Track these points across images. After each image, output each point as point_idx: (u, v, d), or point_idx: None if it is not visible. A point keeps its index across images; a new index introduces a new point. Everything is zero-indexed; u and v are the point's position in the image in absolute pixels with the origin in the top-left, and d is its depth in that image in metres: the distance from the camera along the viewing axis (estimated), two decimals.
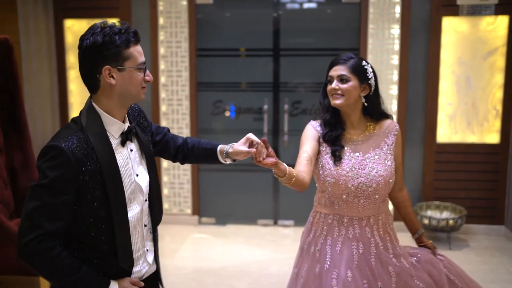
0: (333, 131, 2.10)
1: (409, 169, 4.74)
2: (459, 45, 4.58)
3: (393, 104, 4.68)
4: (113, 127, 1.60)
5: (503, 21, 4.49)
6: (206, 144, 1.92)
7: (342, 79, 2.02)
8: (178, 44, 4.82)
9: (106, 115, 1.58)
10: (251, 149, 1.79)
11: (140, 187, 1.65)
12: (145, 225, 1.69)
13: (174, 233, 4.80)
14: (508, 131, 4.57)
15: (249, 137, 1.82)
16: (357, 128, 2.11)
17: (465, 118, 4.65)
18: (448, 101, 4.65)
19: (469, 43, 4.57)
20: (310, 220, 2.21)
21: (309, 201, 2.27)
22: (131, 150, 1.65)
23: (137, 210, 1.64)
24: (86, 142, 1.51)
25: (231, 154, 1.87)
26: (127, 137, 1.62)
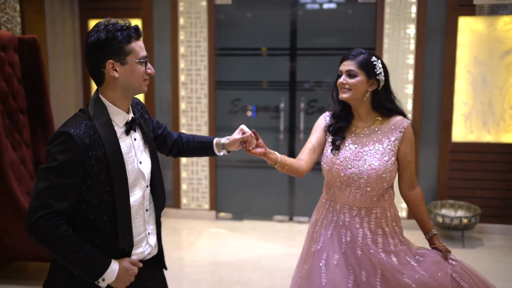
0: (338, 123, 2.21)
1: (424, 168, 4.78)
2: (476, 44, 4.60)
3: (408, 103, 4.73)
4: (118, 117, 1.72)
5: None
6: (201, 138, 2.09)
7: (350, 74, 2.10)
8: (197, 43, 4.96)
9: (111, 106, 1.71)
10: (244, 135, 1.99)
11: (142, 173, 1.77)
12: (146, 210, 1.80)
13: (192, 227, 4.94)
14: None
15: (242, 128, 2.03)
16: (365, 121, 2.18)
17: (481, 117, 4.66)
18: (463, 101, 4.67)
19: (485, 42, 4.58)
20: (317, 205, 2.35)
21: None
22: (135, 139, 1.77)
23: (139, 195, 1.76)
24: (93, 129, 1.64)
25: (227, 145, 2.05)
26: (131, 127, 1.75)
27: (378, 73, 2.10)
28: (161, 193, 1.87)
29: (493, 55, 4.58)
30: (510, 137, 4.62)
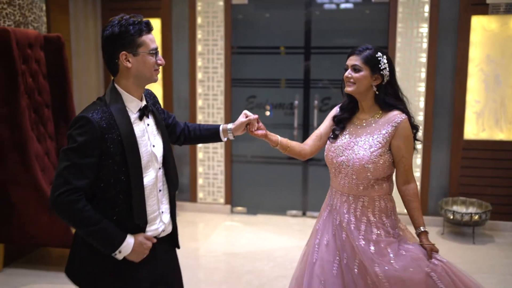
0: (343, 114, 2.33)
1: (436, 165, 4.85)
2: (488, 43, 4.65)
3: (420, 101, 4.80)
4: (132, 103, 1.88)
5: None
6: (207, 126, 2.26)
7: (355, 69, 2.21)
8: (214, 42, 5.12)
9: (126, 94, 1.87)
10: (249, 118, 2.21)
11: (155, 156, 1.92)
12: (160, 190, 1.95)
13: (207, 220, 5.09)
14: None
15: (245, 112, 2.23)
16: (367, 114, 2.27)
17: (493, 115, 4.70)
18: (475, 99, 4.72)
19: (498, 41, 4.62)
20: None
21: None
22: (148, 124, 1.93)
23: (153, 176, 1.90)
24: (109, 115, 1.80)
25: (234, 130, 2.23)
26: (144, 113, 1.90)
27: (382, 68, 2.18)
28: (174, 175, 2.01)
29: (505, 54, 4.62)
30: None
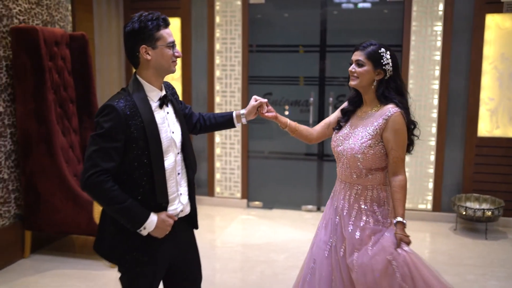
0: (348, 107, 2.44)
1: (450, 162, 4.91)
2: (503, 41, 4.69)
3: (434, 98, 4.87)
4: (153, 93, 2.04)
5: None
6: (220, 114, 2.42)
7: (358, 64, 2.31)
8: (232, 40, 5.26)
9: (146, 84, 2.03)
10: (260, 101, 2.37)
11: (174, 141, 2.07)
12: (178, 173, 2.10)
13: (224, 214, 5.24)
14: None
15: (255, 97, 2.39)
16: (369, 107, 2.36)
17: (507, 113, 4.74)
18: (489, 96, 4.77)
19: None
20: None
21: None
22: (168, 112, 2.09)
23: (172, 160, 2.06)
24: (132, 103, 1.95)
25: (247, 115, 2.38)
26: (164, 102, 2.06)
27: (385, 63, 2.27)
28: (192, 159, 2.17)
29: None
30: None
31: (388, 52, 2.30)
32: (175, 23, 5.32)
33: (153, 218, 1.98)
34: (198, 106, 5.41)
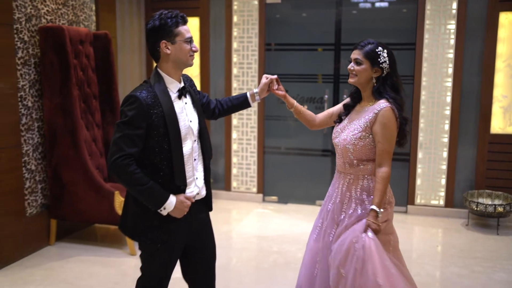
0: (350, 102, 2.57)
1: (462, 158, 4.97)
2: None
3: (447, 96, 4.94)
4: (172, 85, 2.21)
5: None
6: (235, 96, 2.57)
7: (357, 62, 2.43)
8: (249, 39, 5.41)
9: (166, 76, 2.21)
10: (270, 78, 2.52)
11: (192, 129, 2.25)
12: (195, 159, 2.28)
13: (240, 207, 5.39)
14: None
15: (265, 75, 2.55)
16: (366, 102, 2.48)
17: None
18: (502, 94, 4.82)
19: None
20: None
21: None
22: (186, 103, 2.26)
23: (189, 146, 2.23)
24: (153, 94, 2.14)
25: (260, 93, 2.55)
26: (182, 93, 2.23)
27: (381, 62, 2.38)
28: (208, 146, 2.34)
29: None
30: None
31: (385, 50, 2.40)
32: (194, 22, 5.50)
33: (172, 199, 2.15)
34: None
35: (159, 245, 2.21)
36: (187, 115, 2.24)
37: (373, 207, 2.31)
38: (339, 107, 2.65)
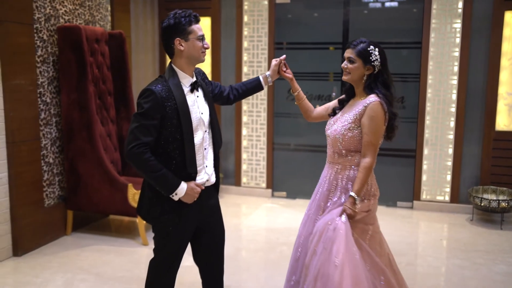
0: (344, 98, 2.70)
1: (468, 154, 5.06)
2: None
3: (453, 93, 5.03)
4: (185, 79, 2.37)
5: None
6: (249, 81, 2.74)
7: (350, 60, 2.55)
8: (259, 38, 5.56)
9: (180, 71, 2.37)
10: (279, 59, 2.72)
11: (203, 121, 2.41)
12: (205, 148, 2.44)
13: (249, 202, 5.54)
14: None
15: (274, 59, 2.75)
16: (358, 97, 2.61)
17: None
18: (507, 91, 4.90)
19: None
20: None
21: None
22: (198, 96, 2.42)
23: (200, 136, 2.39)
24: (168, 88, 2.30)
25: (271, 76, 2.72)
26: (194, 87, 2.39)
27: (373, 60, 2.50)
28: (218, 136, 2.50)
29: None
30: None
31: (376, 49, 2.52)
32: (206, 22, 5.66)
33: (184, 186, 2.31)
34: None
35: (171, 228, 2.37)
36: (198, 107, 2.39)
37: (352, 193, 2.43)
38: (335, 102, 2.78)
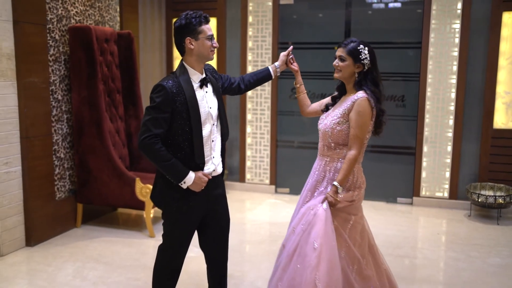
0: (336, 95, 2.84)
1: (466, 152, 5.18)
2: None
3: (452, 92, 5.15)
4: (195, 76, 2.53)
5: None
6: (259, 71, 2.91)
7: (341, 59, 2.69)
8: (263, 38, 5.71)
9: (190, 68, 2.53)
10: (287, 50, 2.95)
11: (211, 115, 2.57)
12: (213, 141, 2.60)
13: (253, 198, 5.69)
14: None
15: (281, 53, 2.97)
16: (349, 93, 2.74)
17: None
18: (505, 90, 5.01)
19: None
20: None
21: (371, 178, 2.73)
22: (206, 92, 2.58)
23: (208, 129, 2.55)
24: (178, 83, 2.46)
25: (280, 67, 2.94)
26: (203, 83, 2.55)
27: (363, 58, 2.63)
28: (225, 129, 2.66)
29: None
30: None
31: (366, 48, 2.65)
32: (212, 22, 5.81)
33: (192, 175, 2.47)
34: (231, 99, 5.89)
35: (179, 215, 2.54)
36: (207, 102, 2.55)
37: (335, 183, 2.57)
38: (328, 99, 2.91)
